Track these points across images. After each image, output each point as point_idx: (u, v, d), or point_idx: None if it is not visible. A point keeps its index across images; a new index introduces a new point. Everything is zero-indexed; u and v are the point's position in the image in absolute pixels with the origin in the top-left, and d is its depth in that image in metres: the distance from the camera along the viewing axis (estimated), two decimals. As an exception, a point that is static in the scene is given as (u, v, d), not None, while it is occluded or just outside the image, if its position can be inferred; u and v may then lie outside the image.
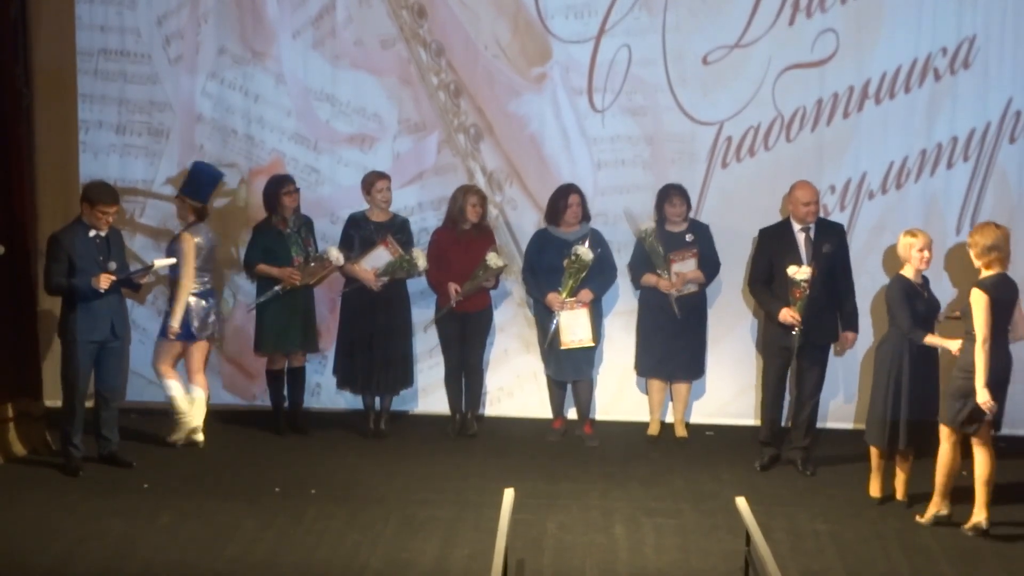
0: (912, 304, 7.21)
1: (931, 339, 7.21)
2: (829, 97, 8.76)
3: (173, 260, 8.12)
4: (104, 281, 7.55)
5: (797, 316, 7.71)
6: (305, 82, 9.00)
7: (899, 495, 7.47)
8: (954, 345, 7.07)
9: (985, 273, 6.93)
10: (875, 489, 7.50)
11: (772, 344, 8.00)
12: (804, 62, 8.75)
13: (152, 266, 8.02)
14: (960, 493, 7.24)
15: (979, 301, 6.82)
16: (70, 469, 7.72)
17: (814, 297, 7.74)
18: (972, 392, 6.83)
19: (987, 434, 7.00)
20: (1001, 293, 6.88)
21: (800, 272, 7.69)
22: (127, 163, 9.08)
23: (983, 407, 6.81)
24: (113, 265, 7.65)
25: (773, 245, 7.96)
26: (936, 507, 7.12)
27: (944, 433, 7.04)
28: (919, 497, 7.36)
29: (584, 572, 6.45)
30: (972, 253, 7.01)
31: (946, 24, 8.65)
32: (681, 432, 8.76)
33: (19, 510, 7.13)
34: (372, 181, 8.49)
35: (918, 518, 7.15)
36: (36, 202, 8.75)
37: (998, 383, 6.91)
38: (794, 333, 7.76)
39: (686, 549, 6.73)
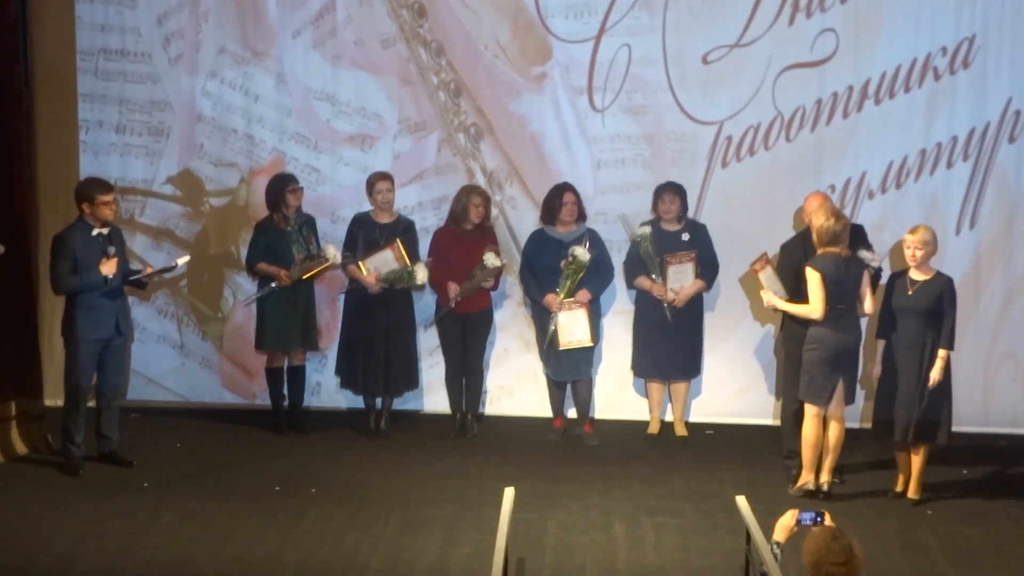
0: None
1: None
2: (829, 97, 8.76)
3: (188, 256, 8.20)
4: (108, 267, 7.54)
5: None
6: (305, 82, 9.00)
7: (909, 492, 7.48)
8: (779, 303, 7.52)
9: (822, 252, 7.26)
10: (900, 484, 7.56)
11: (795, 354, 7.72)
12: (804, 62, 8.75)
13: (176, 265, 8.03)
14: (948, 487, 7.33)
15: (812, 278, 7.21)
16: (70, 468, 7.71)
17: None
18: (821, 361, 7.23)
19: (839, 409, 7.34)
20: (835, 270, 7.18)
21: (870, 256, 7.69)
22: (127, 163, 9.08)
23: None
24: (112, 249, 7.62)
25: (800, 257, 7.62)
26: (804, 480, 7.43)
27: (806, 409, 7.35)
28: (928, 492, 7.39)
29: (584, 571, 6.45)
30: (814, 237, 7.29)
31: (945, 24, 8.65)
32: (681, 431, 8.75)
33: (19, 510, 7.13)
34: (373, 182, 8.47)
35: (789, 490, 7.47)
36: (36, 202, 8.77)
37: (847, 354, 7.30)
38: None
39: (686, 548, 6.73)
